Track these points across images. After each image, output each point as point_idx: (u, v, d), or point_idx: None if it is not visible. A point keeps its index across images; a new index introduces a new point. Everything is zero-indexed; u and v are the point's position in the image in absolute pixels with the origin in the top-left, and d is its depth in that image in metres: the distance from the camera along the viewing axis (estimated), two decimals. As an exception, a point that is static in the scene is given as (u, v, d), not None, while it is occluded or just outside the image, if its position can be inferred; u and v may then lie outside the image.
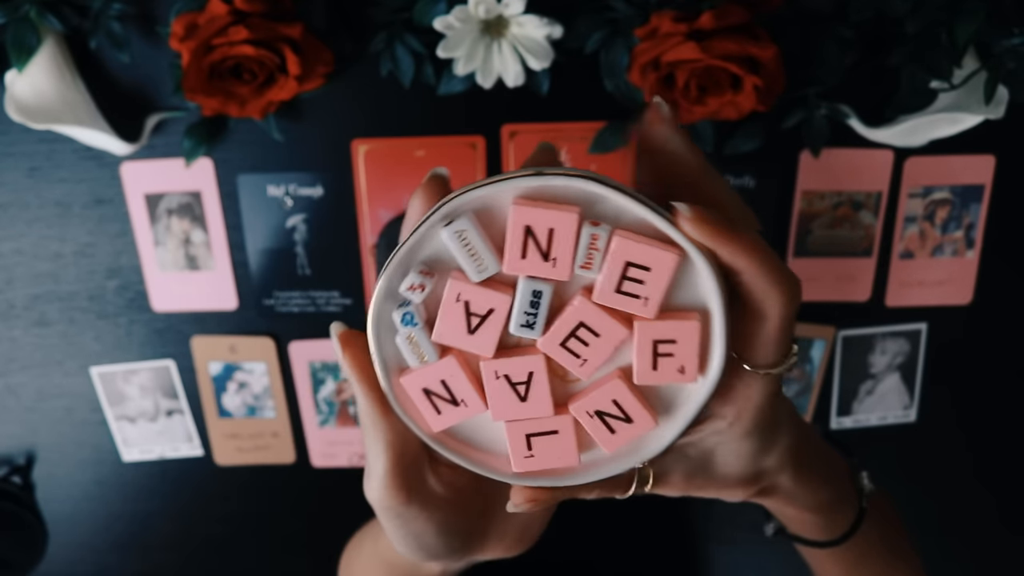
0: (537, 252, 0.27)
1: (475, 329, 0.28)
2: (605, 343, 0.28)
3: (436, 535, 0.34)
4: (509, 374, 0.29)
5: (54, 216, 0.61)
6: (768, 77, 0.49)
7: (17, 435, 0.68)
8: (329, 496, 0.68)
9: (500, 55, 0.53)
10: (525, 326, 0.28)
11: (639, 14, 0.52)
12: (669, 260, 0.27)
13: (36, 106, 0.53)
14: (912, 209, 0.62)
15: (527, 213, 0.27)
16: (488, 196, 0.27)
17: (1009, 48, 0.51)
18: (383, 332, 0.29)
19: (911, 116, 0.55)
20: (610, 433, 0.30)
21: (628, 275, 0.27)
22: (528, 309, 0.28)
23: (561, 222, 0.27)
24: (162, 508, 0.70)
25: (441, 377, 0.29)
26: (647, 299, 0.27)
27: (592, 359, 0.28)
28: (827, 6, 0.53)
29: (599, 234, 0.27)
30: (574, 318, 0.28)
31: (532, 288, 0.28)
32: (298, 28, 0.50)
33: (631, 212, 0.27)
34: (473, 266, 0.28)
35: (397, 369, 0.30)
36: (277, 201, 0.61)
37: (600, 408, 0.29)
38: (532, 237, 0.27)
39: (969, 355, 0.67)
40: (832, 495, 0.40)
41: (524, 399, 0.29)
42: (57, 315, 0.64)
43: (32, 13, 0.52)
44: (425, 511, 0.33)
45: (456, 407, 0.30)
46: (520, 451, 0.30)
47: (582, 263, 0.27)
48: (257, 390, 0.66)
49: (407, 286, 0.28)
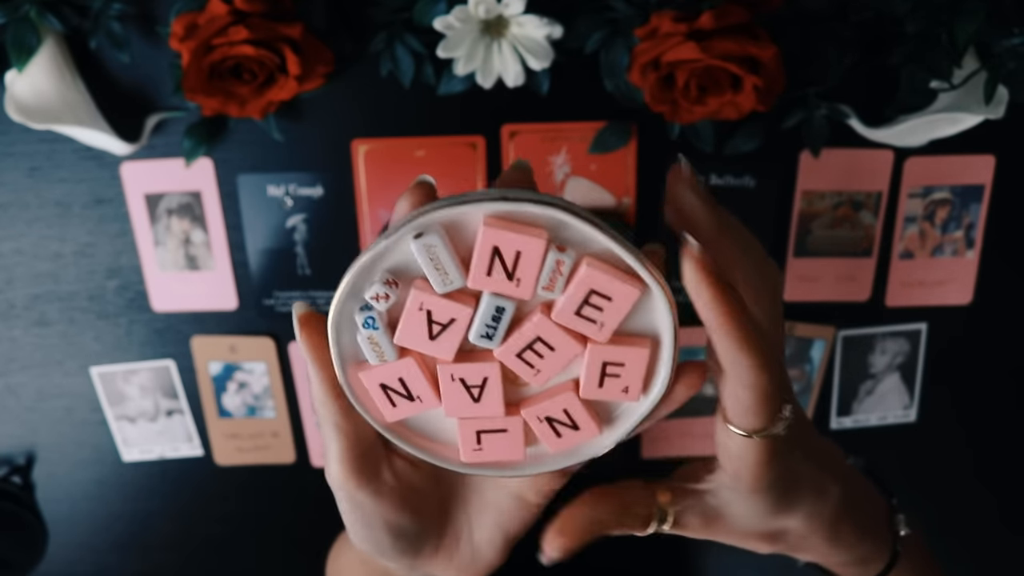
0: (503, 271, 0.28)
1: (436, 336, 0.29)
2: (559, 357, 0.30)
3: (385, 529, 0.35)
4: (465, 378, 0.30)
5: (54, 216, 0.61)
6: (768, 77, 0.49)
7: (17, 435, 0.68)
8: (329, 496, 0.68)
9: (500, 55, 0.53)
10: (484, 337, 0.29)
11: (639, 14, 0.52)
12: (632, 294, 0.28)
13: (36, 106, 0.53)
14: (912, 209, 0.62)
15: (496, 235, 0.28)
16: (460, 213, 0.28)
17: (1009, 48, 0.51)
18: (343, 328, 0.30)
19: (911, 116, 0.55)
20: (556, 436, 0.31)
21: (589, 301, 0.28)
22: (489, 322, 0.29)
23: (529, 246, 0.28)
24: (162, 508, 0.70)
25: (399, 375, 0.30)
26: (603, 325, 0.29)
27: (545, 370, 0.30)
28: (827, 6, 0.53)
29: (564, 260, 0.28)
30: (532, 332, 0.29)
31: (496, 304, 0.29)
32: (298, 28, 0.50)
33: (597, 242, 0.28)
34: (439, 279, 0.28)
35: (354, 362, 0.31)
36: (277, 201, 0.61)
37: (551, 415, 0.31)
38: (499, 257, 0.28)
39: (969, 355, 0.67)
40: (867, 550, 0.39)
41: (477, 400, 0.30)
42: (57, 315, 0.64)
43: (32, 13, 0.52)
44: (376, 498, 0.34)
45: (411, 402, 0.31)
46: (470, 444, 0.32)
47: (545, 285, 0.28)
48: (257, 390, 0.66)
49: (372, 295, 0.29)
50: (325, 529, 0.56)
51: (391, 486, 0.34)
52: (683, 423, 0.67)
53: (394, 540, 0.35)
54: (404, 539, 0.36)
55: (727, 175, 0.60)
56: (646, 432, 0.67)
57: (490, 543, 0.38)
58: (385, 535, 0.35)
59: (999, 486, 0.72)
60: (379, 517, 0.34)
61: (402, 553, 0.36)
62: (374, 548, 0.36)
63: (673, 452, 0.68)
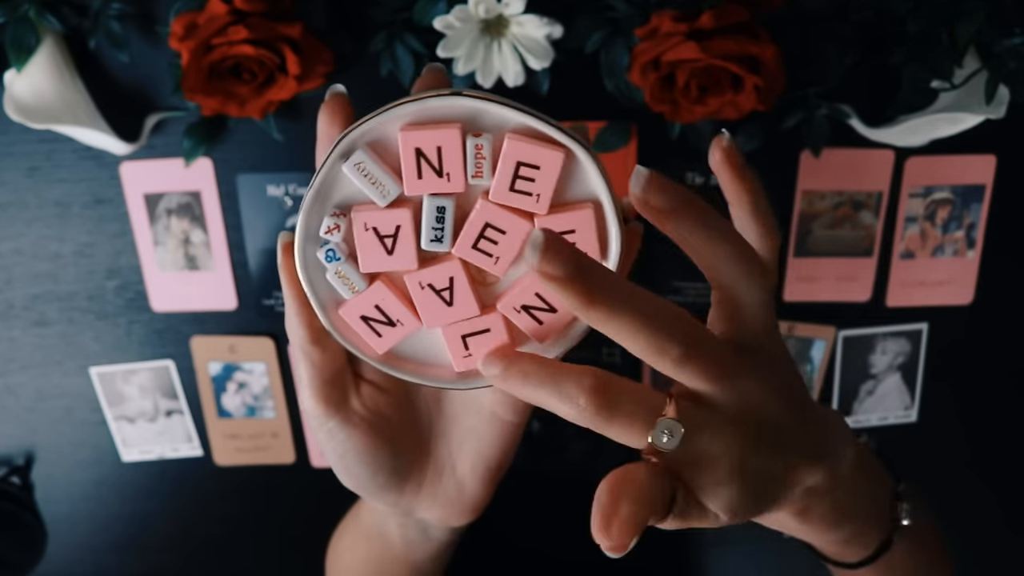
0: (431, 170, 0.30)
1: (392, 249, 0.31)
2: (512, 239, 0.31)
3: (360, 461, 0.36)
4: (432, 283, 0.32)
5: (53, 216, 0.61)
6: (768, 77, 0.49)
7: (16, 435, 0.68)
8: (329, 496, 0.68)
9: (500, 55, 0.53)
10: (435, 240, 0.31)
11: (639, 14, 0.52)
12: (556, 158, 0.30)
13: (35, 106, 0.53)
14: (913, 209, 0.62)
15: (414, 136, 0.29)
16: (377, 128, 0.30)
17: (1010, 48, 0.51)
18: (312, 272, 0.32)
19: (912, 116, 0.55)
20: (538, 324, 0.32)
21: (520, 174, 0.30)
22: (435, 224, 0.31)
23: (446, 139, 0.29)
24: (161, 508, 0.70)
25: (375, 302, 0.32)
26: (539, 195, 0.30)
27: (503, 255, 0.31)
28: (828, 6, 0.53)
29: (482, 144, 0.30)
30: (480, 220, 0.31)
31: (436, 205, 0.30)
32: (298, 28, 0.50)
33: (512, 120, 0.30)
34: (377, 193, 0.30)
35: (333, 304, 0.32)
36: (277, 201, 0.61)
37: (526, 302, 0.32)
38: (423, 157, 0.30)
39: (970, 355, 0.67)
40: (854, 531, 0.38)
41: (450, 304, 0.32)
42: (56, 315, 0.64)
43: (31, 13, 0.52)
44: (346, 427, 0.35)
45: (393, 327, 0.32)
46: (459, 352, 0.33)
47: (473, 172, 0.30)
48: (257, 390, 0.66)
49: (324, 230, 0.31)
50: (324, 529, 0.56)
51: (360, 415, 0.35)
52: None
53: (372, 473, 0.36)
54: (382, 472, 0.36)
55: (727, 175, 0.60)
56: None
57: (473, 474, 0.39)
58: (362, 467, 0.36)
59: (1000, 486, 0.72)
60: (352, 447, 0.35)
61: (383, 488, 0.37)
62: (355, 483, 0.37)
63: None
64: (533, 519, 0.70)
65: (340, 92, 0.33)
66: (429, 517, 0.40)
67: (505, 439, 0.38)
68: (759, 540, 0.72)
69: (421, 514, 0.40)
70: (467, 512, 0.40)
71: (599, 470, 0.33)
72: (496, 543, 0.69)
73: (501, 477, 0.40)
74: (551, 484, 0.68)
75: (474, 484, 0.39)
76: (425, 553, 0.45)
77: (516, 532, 0.71)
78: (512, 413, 0.37)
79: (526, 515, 0.69)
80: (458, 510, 0.39)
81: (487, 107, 0.30)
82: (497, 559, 0.71)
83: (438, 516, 0.40)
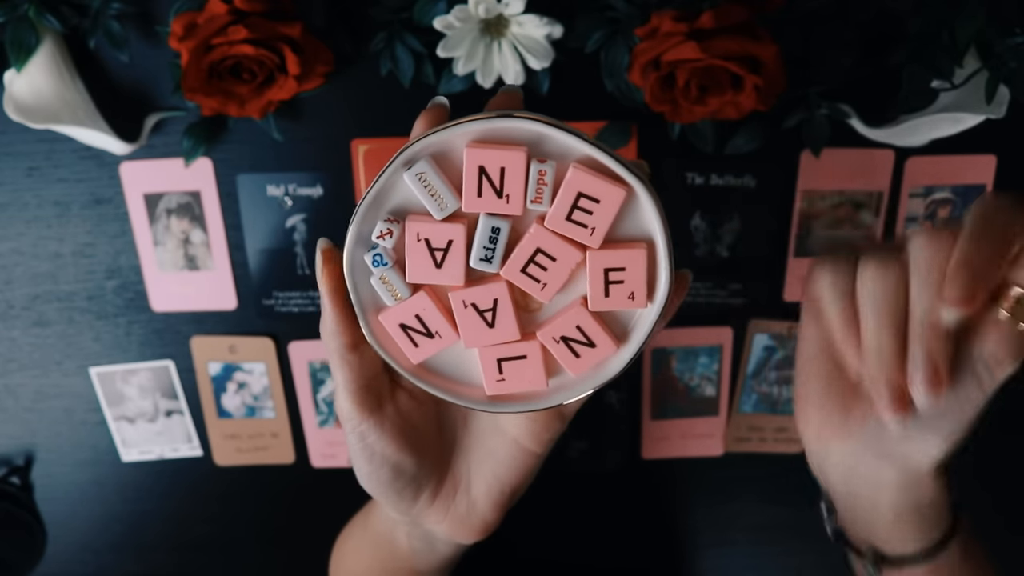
0: (491, 190, 0.30)
1: (441, 263, 0.31)
2: (561, 267, 0.31)
3: (385, 464, 0.36)
4: (476, 302, 0.32)
5: (53, 216, 0.61)
6: (769, 77, 0.49)
7: (16, 435, 0.68)
8: (329, 496, 0.68)
9: (500, 55, 0.53)
10: (484, 260, 0.31)
11: (639, 14, 0.52)
12: (617, 194, 0.30)
13: (35, 106, 0.53)
14: (913, 209, 0.62)
15: (480, 154, 0.29)
16: (444, 141, 0.30)
17: (1011, 47, 0.50)
18: (358, 275, 0.32)
19: (912, 116, 0.55)
20: (575, 357, 0.32)
21: (579, 205, 0.30)
22: (487, 244, 0.31)
23: (511, 161, 0.29)
24: (161, 509, 0.70)
25: (415, 312, 0.32)
26: (594, 229, 0.30)
27: (551, 283, 0.31)
28: (828, 6, 0.53)
29: (545, 170, 0.30)
30: (531, 244, 0.31)
31: (491, 225, 0.30)
32: (298, 28, 0.50)
33: (577, 150, 0.30)
34: (435, 205, 0.30)
35: (374, 309, 0.32)
36: (277, 201, 0.61)
37: (566, 334, 0.32)
38: (486, 176, 0.30)
39: (970, 355, 0.67)
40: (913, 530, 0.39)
41: (492, 325, 0.32)
42: (56, 315, 0.64)
43: (31, 12, 0.52)
44: (379, 431, 0.35)
45: (431, 339, 0.32)
46: (492, 375, 0.33)
47: (532, 198, 0.30)
48: (256, 390, 0.66)
49: (376, 234, 0.31)
50: (325, 529, 0.56)
51: (393, 421, 0.36)
52: (683, 423, 0.67)
53: (393, 479, 0.37)
54: (402, 478, 0.37)
55: (727, 175, 0.60)
56: (647, 433, 0.67)
57: (487, 497, 0.39)
58: (386, 471, 0.36)
59: (1001, 485, 0.72)
60: (380, 451, 0.36)
61: (400, 495, 0.37)
62: (375, 487, 0.37)
63: (673, 453, 0.68)
64: (533, 519, 0.70)
65: (442, 104, 0.33)
66: (437, 531, 0.40)
67: (523, 467, 0.38)
68: (760, 540, 0.72)
69: (430, 526, 0.40)
70: (475, 532, 0.40)
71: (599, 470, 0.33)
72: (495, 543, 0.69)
73: (513, 503, 0.40)
74: (551, 484, 0.68)
75: (486, 505, 0.39)
76: (429, 564, 0.45)
77: (515, 532, 0.71)
78: (535, 444, 0.37)
79: (525, 515, 0.69)
80: (466, 528, 0.40)
81: (556, 134, 0.30)
82: (496, 559, 0.71)
83: (446, 531, 0.40)
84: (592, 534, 0.71)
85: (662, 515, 0.71)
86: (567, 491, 0.67)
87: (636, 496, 0.70)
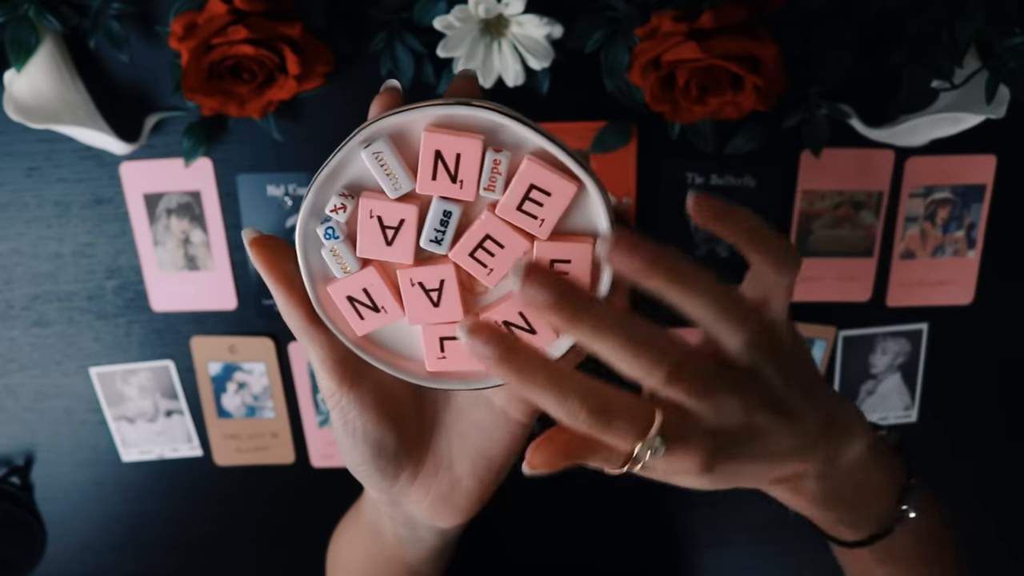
0: (446, 174, 0.31)
1: (392, 240, 0.32)
2: (508, 254, 0.32)
3: (367, 440, 0.36)
4: (423, 281, 0.32)
5: (53, 216, 0.61)
6: (768, 77, 0.49)
7: (16, 435, 0.68)
8: (329, 496, 0.68)
9: (500, 55, 0.53)
10: (434, 241, 0.32)
11: (639, 14, 0.52)
12: (569, 188, 0.31)
13: (35, 106, 0.53)
14: (913, 209, 0.62)
15: (437, 139, 0.30)
16: (403, 123, 0.31)
17: (1010, 47, 0.50)
18: (309, 246, 0.32)
19: (912, 116, 0.55)
20: None
21: (530, 196, 0.31)
22: (438, 227, 0.31)
23: (467, 148, 0.30)
24: (161, 509, 0.70)
25: (363, 285, 0.33)
26: (543, 220, 0.31)
27: (497, 269, 0.32)
28: (828, 6, 0.53)
29: (500, 159, 0.30)
30: (481, 230, 0.31)
31: (443, 208, 0.31)
32: (298, 28, 0.50)
33: (532, 142, 0.31)
34: (389, 184, 0.31)
35: (323, 280, 0.33)
36: (277, 201, 0.61)
37: (508, 319, 0.33)
38: (442, 160, 0.30)
39: (970, 355, 0.67)
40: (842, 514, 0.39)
41: (437, 304, 0.33)
42: (56, 315, 0.64)
43: (31, 12, 0.52)
44: (359, 406, 0.36)
45: (377, 313, 0.33)
46: (434, 352, 0.34)
47: (486, 185, 0.31)
48: (256, 390, 0.66)
49: (330, 208, 0.31)
50: (324, 529, 0.56)
51: (373, 394, 0.36)
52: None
53: (375, 455, 0.37)
54: (383, 455, 0.37)
55: (727, 175, 0.60)
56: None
57: (473, 474, 0.39)
58: (366, 446, 0.37)
59: (1002, 485, 0.72)
60: (361, 426, 0.36)
61: (381, 472, 0.38)
62: (356, 462, 0.38)
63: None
64: (532, 519, 0.70)
65: (395, 87, 0.34)
66: (418, 512, 0.40)
67: (510, 439, 0.38)
68: (759, 540, 0.72)
69: (410, 507, 0.40)
70: (457, 512, 0.40)
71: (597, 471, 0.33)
72: (494, 543, 0.69)
73: (498, 481, 0.40)
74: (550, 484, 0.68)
75: (470, 482, 0.39)
76: (417, 553, 0.45)
77: (515, 532, 0.71)
78: (523, 414, 0.38)
79: (525, 515, 0.69)
80: (448, 508, 0.40)
81: (513, 125, 0.30)
82: (496, 559, 0.71)
83: (427, 511, 0.40)
84: (592, 534, 0.71)
85: (661, 515, 0.71)
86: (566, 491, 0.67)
87: (636, 496, 0.70)
